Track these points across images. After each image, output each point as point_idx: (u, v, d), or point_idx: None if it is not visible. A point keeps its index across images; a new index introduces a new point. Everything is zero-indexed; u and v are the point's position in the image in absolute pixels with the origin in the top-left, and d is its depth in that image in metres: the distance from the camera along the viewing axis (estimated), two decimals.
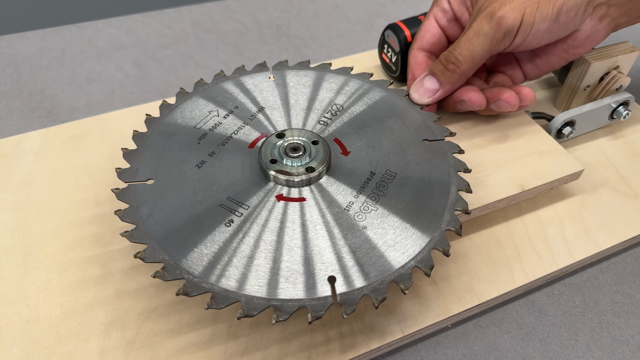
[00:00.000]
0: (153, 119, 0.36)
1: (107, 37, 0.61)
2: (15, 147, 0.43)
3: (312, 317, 0.25)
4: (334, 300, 0.26)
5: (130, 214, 0.30)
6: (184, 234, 0.29)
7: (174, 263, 0.28)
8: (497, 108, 0.39)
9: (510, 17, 0.34)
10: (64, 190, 0.39)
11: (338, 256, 0.28)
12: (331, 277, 0.27)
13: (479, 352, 0.33)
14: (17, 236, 0.36)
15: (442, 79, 0.37)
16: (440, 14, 0.40)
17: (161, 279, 0.27)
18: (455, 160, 0.33)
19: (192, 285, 0.27)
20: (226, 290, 0.27)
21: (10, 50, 0.58)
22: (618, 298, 0.36)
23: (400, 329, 0.32)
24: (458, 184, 0.32)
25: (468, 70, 0.37)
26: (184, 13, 0.65)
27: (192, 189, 0.32)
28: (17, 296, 0.33)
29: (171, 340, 0.31)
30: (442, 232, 0.29)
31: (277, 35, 0.62)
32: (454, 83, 0.37)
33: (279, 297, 0.26)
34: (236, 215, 0.30)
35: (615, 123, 0.46)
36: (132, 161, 0.33)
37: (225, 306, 0.26)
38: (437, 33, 0.41)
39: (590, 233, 0.38)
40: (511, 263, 0.36)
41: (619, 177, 0.42)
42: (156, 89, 0.54)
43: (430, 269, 0.28)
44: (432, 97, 0.38)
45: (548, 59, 0.40)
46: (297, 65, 0.40)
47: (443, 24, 0.41)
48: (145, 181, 0.32)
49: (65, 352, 0.31)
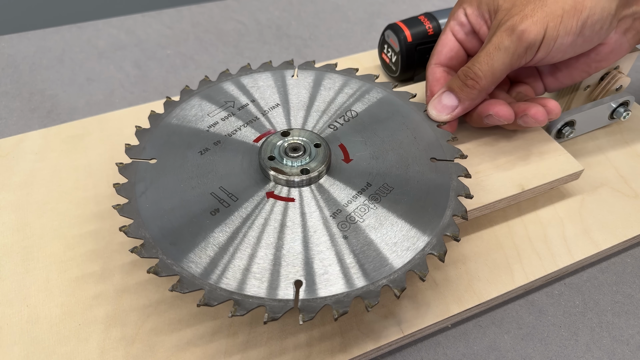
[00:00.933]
0: (172, 102, 0.37)
1: (107, 37, 0.61)
2: (15, 147, 0.43)
3: (268, 318, 0.26)
4: (295, 304, 0.26)
5: (126, 189, 0.31)
6: (170, 215, 0.30)
7: (152, 242, 0.28)
8: (524, 123, 0.37)
9: (533, 31, 0.33)
10: (64, 190, 0.39)
11: (307, 261, 0.28)
12: (298, 281, 0.27)
13: (478, 352, 0.33)
14: (17, 236, 0.36)
15: (461, 95, 0.36)
16: (458, 27, 0.39)
17: (137, 254, 0.28)
18: (458, 184, 0.32)
19: (163, 265, 0.27)
20: (193, 276, 0.27)
21: (11, 50, 0.58)
22: (618, 298, 0.36)
23: (400, 329, 0.32)
24: (455, 208, 0.30)
25: (488, 86, 0.35)
26: (184, 13, 0.65)
27: (189, 174, 0.32)
28: (17, 296, 0.33)
29: (171, 340, 0.31)
30: (423, 256, 0.28)
31: (277, 35, 0.62)
32: (474, 99, 0.36)
33: (243, 292, 0.27)
34: (223, 205, 0.31)
35: (615, 123, 0.46)
36: (142, 139, 0.34)
37: (188, 291, 0.27)
38: (455, 47, 0.39)
39: (590, 233, 0.38)
40: (511, 263, 0.36)
41: (619, 177, 0.42)
42: (156, 89, 0.54)
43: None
44: (450, 114, 0.36)
45: (570, 73, 0.39)
46: (323, 67, 0.40)
47: (461, 38, 0.39)
48: (149, 160, 0.33)
49: (65, 351, 0.31)
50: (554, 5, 0.33)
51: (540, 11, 0.33)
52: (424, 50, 0.48)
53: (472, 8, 0.38)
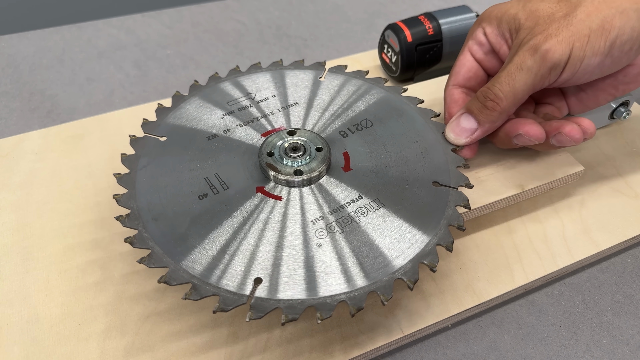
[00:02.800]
0: (199, 86, 0.38)
1: (107, 37, 0.61)
2: (15, 147, 0.43)
3: (217, 308, 0.26)
4: (248, 300, 0.26)
5: (131, 160, 0.33)
6: (161, 192, 0.31)
7: (137, 214, 0.30)
8: (558, 143, 0.34)
9: (557, 51, 0.31)
10: (64, 190, 0.39)
11: (275, 261, 0.28)
12: (258, 278, 0.27)
13: (479, 352, 0.33)
14: (17, 236, 0.36)
15: (481, 117, 0.34)
16: (477, 47, 0.37)
17: (121, 223, 0.29)
18: (453, 213, 0.30)
19: (140, 238, 0.29)
20: (163, 253, 0.28)
21: (11, 50, 0.58)
22: (618, 298, 0.36)
23: (400, 329, 0.32)
24: (441, 238, 0.29)
25: (509, 108, 0.33)
26: (184, 13, 0.65)
27: (191, 156, 0.33)
28: (17, 296, 0.33)
29: (172, 341, 0.31)
30: (391, 279, 0.27)
31: (277, 35, 0.62)
32: (494, 122, 0.34)
33: (204, 279, 0.27)
34: (213, 191, 0.31)
35: (615, 123, 0.46)
36: (160, 117, 0.36)
37: (154, 267, 0.27)
38: (474, 67, 0.37)
39: (590, 233, 0.38)
40: (511, 263, 0.36)
41: (619, 177, 0.42)
42: (156, 89, 0.54)
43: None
44: (469, 137, 0.34)
45: (595, 95, 0.37)
46: (353, 72, 0.39)
47: (479, 57, 0.37)
48: (160, 137, 0.34)
49: (65, 352, 0.31)
50: (581, 25, 0.31)
51: (566, 30, 0.31)
52: (424, 50, 0.48)
53: (492, 27, 0.36)
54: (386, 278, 0.27)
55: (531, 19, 0.33)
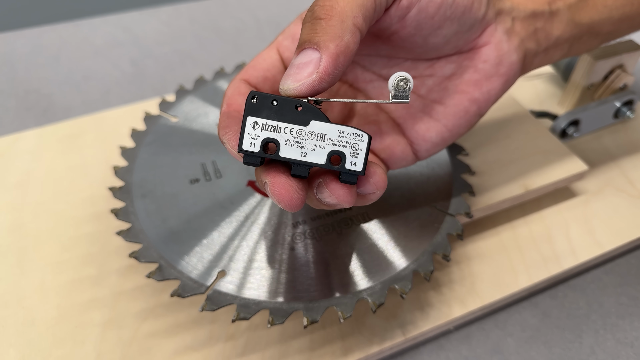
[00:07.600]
0: (224, 73, 0.39)
1: (104, 35, 0.60)
2: (10, 147, 0.42)
3: (174, 292, 0.27)
4: (206, 291, 0.27)
5: (139, 135, 0.34)
6: (157, 170, 0.32)
7: (129, 188, 0.31)
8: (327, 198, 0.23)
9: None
10: (59, 190, 0.39)
11: (246, 259, 0.28)
12: (222, 271, 0.28)
13: (482, 355, 0.33)
14: (13, 237, 0.36)
15: (319, 37, 0.22)
16: (288, 42, 0.28)
17: (113, 194, 0.31)
18: (442, 240, 0.29)
19: (124, 212, 0.29)
20: (140, 229, 0.29)
21: (6, 48, 0.58)
22: (622, 300, 0.36)
23: (402, 332, 0.32)
24: (421, 265, 0.28)
25: (351, 10, 0.22)
26: (182, 10, 0.65)
27: (195, 140, 0.34)
28: (12, 297, 0.33)
29: (168, 342, 0.31)
30: (353, 299, 0.27)
31: (276, 32, 0.62)
32: (339, 36, 0.22)
33: (170, 262, 0.28)
34: (205, 178, 0.32)
35: (619, 122, 0.46)
36: (179, 97, 0.37)
37: (130, 241, 0.28)
38: (278, 63, 0.28)
39: (594, 234, 0.38)
40: (515, 265, 0.36)
41: (624, 177, 0.42)
42: (153, 87, 0.54)
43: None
44: (315, 73, 0.22)
45: (453, 101, 0.28)
46: None
47: (288, 57, 0.28)
48: (173, 117, 0.35)
49: (61, 354, 0.30)
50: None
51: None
52: None
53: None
54: (349, 295, 0.27)
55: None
